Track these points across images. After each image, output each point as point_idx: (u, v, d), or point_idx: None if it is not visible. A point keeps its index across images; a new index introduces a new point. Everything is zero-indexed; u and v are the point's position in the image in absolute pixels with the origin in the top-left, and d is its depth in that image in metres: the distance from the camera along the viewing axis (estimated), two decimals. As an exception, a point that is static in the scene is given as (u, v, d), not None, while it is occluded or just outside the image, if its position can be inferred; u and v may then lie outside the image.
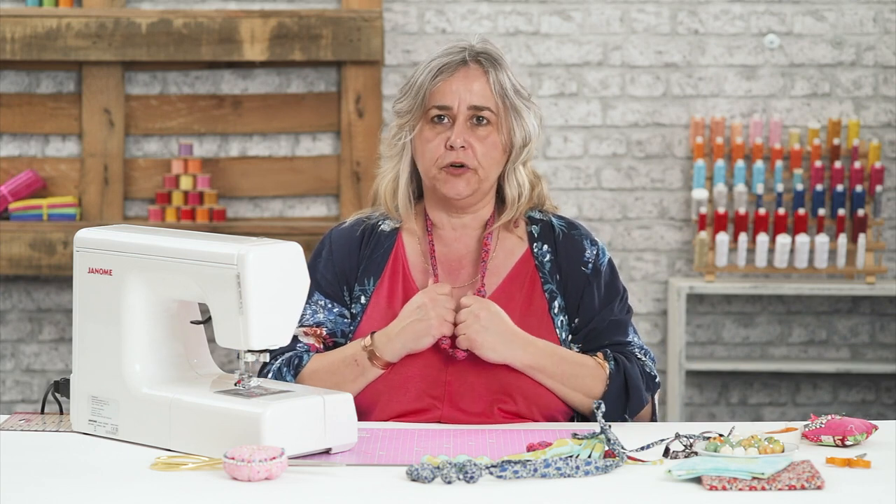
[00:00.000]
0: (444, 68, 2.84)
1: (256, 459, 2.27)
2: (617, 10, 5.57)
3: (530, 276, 2.88)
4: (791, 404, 5.68)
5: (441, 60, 2.85)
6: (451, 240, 2.91)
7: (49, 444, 2.55)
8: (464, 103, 2.83)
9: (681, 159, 5.62)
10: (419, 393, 2.78)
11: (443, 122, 2.84)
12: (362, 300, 2.87)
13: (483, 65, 2.85)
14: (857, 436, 2.52)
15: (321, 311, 2.87)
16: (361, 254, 2.90)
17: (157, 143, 5.58)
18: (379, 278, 2.88)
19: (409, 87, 2.88)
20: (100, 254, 2.58)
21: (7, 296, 5.59)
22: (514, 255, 2.90)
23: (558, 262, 2.89)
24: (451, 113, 2.83)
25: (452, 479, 2.27)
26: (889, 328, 5.65)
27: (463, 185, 2.84)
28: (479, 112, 2.83)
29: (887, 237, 5.62)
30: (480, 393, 2.78)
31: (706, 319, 5.67)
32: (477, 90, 2.84)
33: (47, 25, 5.36)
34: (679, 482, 2.28)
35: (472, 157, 2.83)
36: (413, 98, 2.86)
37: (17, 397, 5.61)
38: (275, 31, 5.37)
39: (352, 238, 2.91)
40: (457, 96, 2.83)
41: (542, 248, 2.90)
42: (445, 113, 2.83)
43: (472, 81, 2.84)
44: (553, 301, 2.86)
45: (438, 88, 2.83)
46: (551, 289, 2.87)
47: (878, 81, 5.59)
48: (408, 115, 2.86)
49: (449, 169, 2.83)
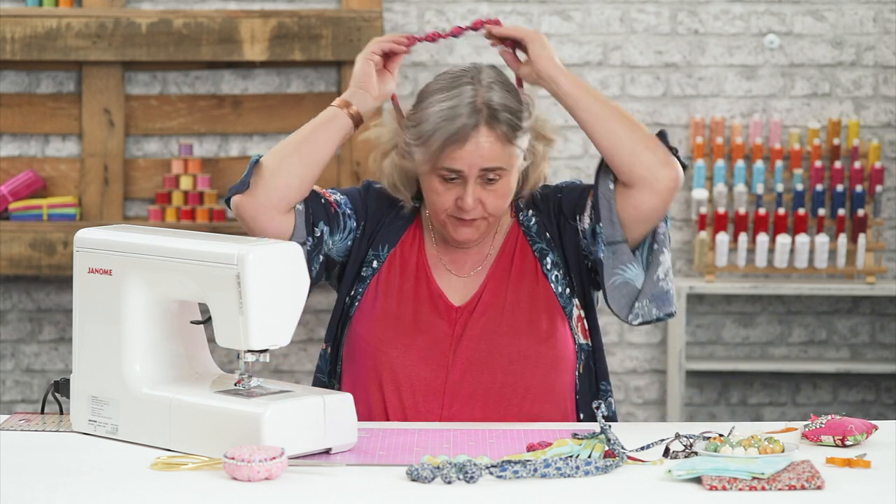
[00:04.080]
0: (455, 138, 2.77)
1: (256, 459, 2.27)
2: (617, 10, 5.57)
3: (519, 244, 2.90)
4: (791, 404, 5.68)
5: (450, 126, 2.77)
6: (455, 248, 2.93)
7: (49, 444, 2.55)
8: (475, 167, 2.80)
9: (681, 159, 5.62)
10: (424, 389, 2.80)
11: (453, 180, 2.81)
12: (374, 264, 2.88)
13: (493, 127, 2.79)
14: (857, 436, 2.52)
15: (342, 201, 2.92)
16: (387, 215, 2.92)
17: (157, 143, 5.58)
18: (393, 248, 2.89)
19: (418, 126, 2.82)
20: (100, 254, 2.58)
21: (7, 296, 5.59)
22: (503, 228, 2.93)
23: (541, 218, 2.90)
24: (462, 175, 2.81)
25: (452, 479, 2.27)
26: (889, 328, 5.65)
27: (472, 231, 2.86)
28: (489, 172, 2.81)
29: (887, 237, 5.62)
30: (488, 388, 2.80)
31: (706, 319, 5.67)
32: (487, 154, 2.79)
33: (47, 25, 5.36)
34: (679, 482, 2.28)
35: (483, 211, 2.83)
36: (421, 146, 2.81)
37: (17, 397, 5.61)
38: (275, 31, 5.37)
39: (384, 197, 2.94)
40: (467, 162, 2.79)
41: (528, 214, 2.93)
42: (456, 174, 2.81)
43: (482, 146, 2.79)
44: (545, 258, 2.89)
45: (448, 154, 2.79)
46: (541, 247, 2.89)
47: (878, 81, 5.59)
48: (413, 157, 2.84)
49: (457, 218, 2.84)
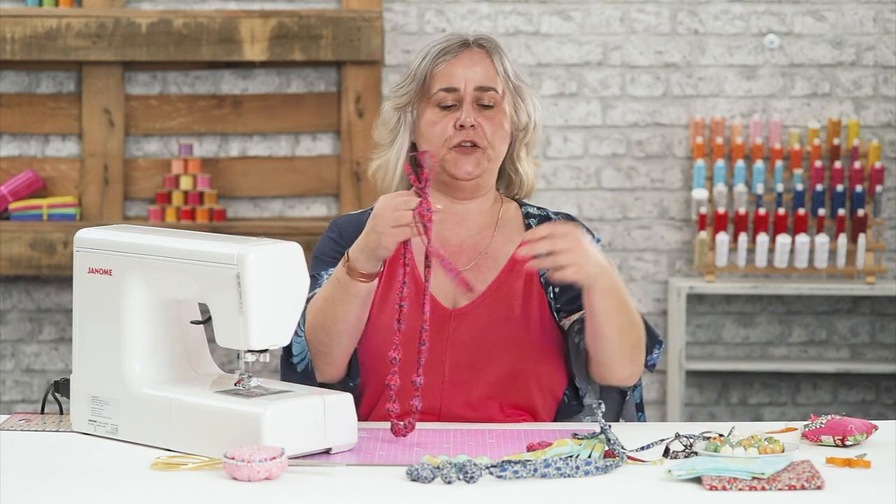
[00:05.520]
0: (447, 50, 2.84)
1: (256, 459, 2.27)
2: (617, 10, 5.57)
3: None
4: (791, 404, 5.68)
5: (442, 45, 2.85)
6: (453, 224, 2.89)
7: (49, 444, 2.55)
8: (470, 84, 2.82)
9: (681, 159, 5.62)
10: None
11: (448, 107, 2.83)
12: None
13: (485, 47, 2.86)
14: (857, 436, 2.52)
15: None
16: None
17: (157, 143, 5.58)
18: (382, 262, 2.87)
19: (409, 74, 2.87)
20: (100, 254, 2.58)
21: (7, 296, 5.59)
22: (513, 242, 2.89)
23: None
24: (458, 95, 2.82)
25: (452, 479, 2.27)
26: (889, 328, 5.65)
27: (473, 164, 2.83)
28: (484, 93, 2.83)
29: (887, 237, 5.62)
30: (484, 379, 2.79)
31: (706, 319, 5.67)
32: (480, 72, 2.84)
33: (47, 25, 5.36)
34: (679, 482, 2.28)
35: (483, 137, 2.82)
36: (413, 80, 2.85)
37: (17, 397, 5.62)
38: (275, 31, 5.37)
39: (359, 223, 2.89)
40: (462, 78, 2.82)
41: None
42: (451, 95, 2.82)
43: (476, 64, 2.84)
44: (548, 286, 2.86)
45: (442, 71, 2.83)
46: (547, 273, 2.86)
47: (878, 81, 5.59)
48: (407, 97, 2.86)
49: (458, 149, 2.82)
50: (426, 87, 2.84)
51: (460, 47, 2.85)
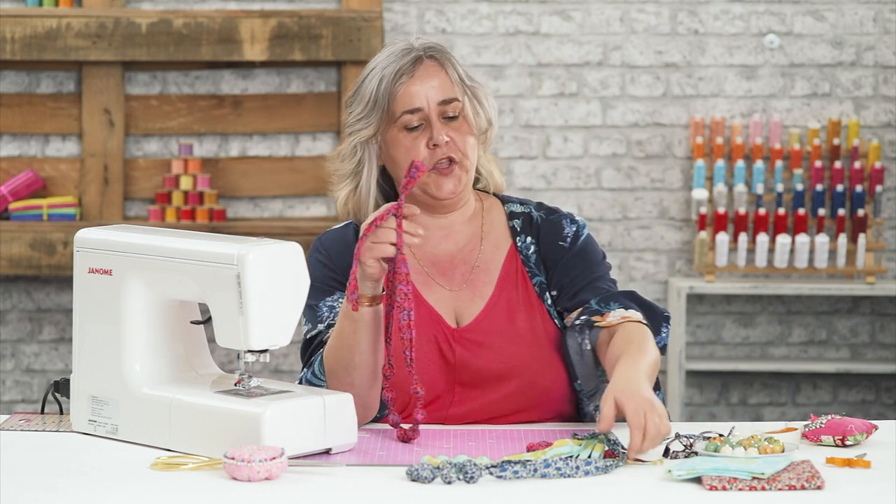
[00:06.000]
0: (402, 70, 2.79)
1: (256, 459, 2.27)
2: (617, 10, 5.57)
3: (520, 273, 2.86)
4: (791, 404, 5.68)
5: (394, 65, 2.80)
6: (440, 239, 2.87)
7: (49, 444, 2.55)
8: (432, 100, 2.79)
9: (681, 159, 5.62)
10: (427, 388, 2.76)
11: (415, 127, 2.80)
12: None
13: (437, 58, 2.82)
14: (857, 436, 2.52)
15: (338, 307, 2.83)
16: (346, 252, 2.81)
17: (157, 143, 5.58)
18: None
19: (361, 98, 2.82)
20: (100, 254, 2.58)
21: (7, 296, 5.59)
22: (501, 250, 2.87)
23: (542, 251, 2.87)
24: (423, 114, 2.78)
25: (452, 479, 2.27)
26: (889, 328, 5.65)
27: (454, 182, 2.81)
28: (447, 105, 2.79)
29: (887, 237, 5.62)
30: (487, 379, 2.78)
31: (706, 319, 5.67)
32: (438, 85, 2.80)
33: (47, 25, 5.36)
34: (679, 482, 2.28)
35: (457, 149, 2.79)
36: (374, 108, 2.80)
37: (17, 397, 5.61)
38: (275, 31, 5.37)
39: (344, 238, 2.88)
40: (423, 96, 2.78)
41: (526, 240, 2.88)
42: (416, 115, 2.79)
43: (432, 77, 2.80)
44: (544, 294, 2.85)
45: (402, 93, 2.78)
46: (540, 280, 2.85)
47: (878, 81, 5.59)
48: (373, 128, 2.81)
49: (436, 170, 2.80)
50: (389, 112, 2.79)
51: (413, 64, 2.80)
